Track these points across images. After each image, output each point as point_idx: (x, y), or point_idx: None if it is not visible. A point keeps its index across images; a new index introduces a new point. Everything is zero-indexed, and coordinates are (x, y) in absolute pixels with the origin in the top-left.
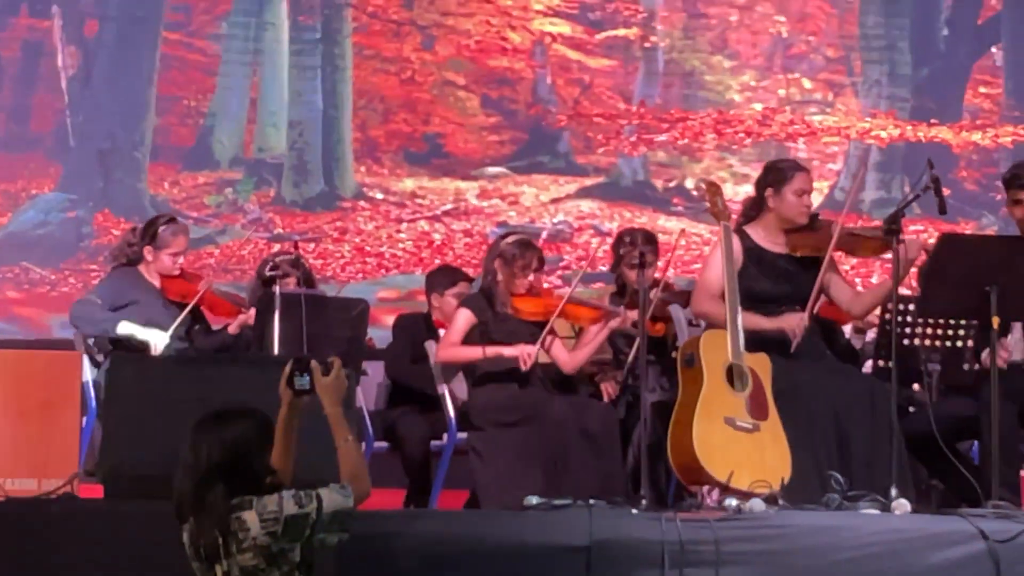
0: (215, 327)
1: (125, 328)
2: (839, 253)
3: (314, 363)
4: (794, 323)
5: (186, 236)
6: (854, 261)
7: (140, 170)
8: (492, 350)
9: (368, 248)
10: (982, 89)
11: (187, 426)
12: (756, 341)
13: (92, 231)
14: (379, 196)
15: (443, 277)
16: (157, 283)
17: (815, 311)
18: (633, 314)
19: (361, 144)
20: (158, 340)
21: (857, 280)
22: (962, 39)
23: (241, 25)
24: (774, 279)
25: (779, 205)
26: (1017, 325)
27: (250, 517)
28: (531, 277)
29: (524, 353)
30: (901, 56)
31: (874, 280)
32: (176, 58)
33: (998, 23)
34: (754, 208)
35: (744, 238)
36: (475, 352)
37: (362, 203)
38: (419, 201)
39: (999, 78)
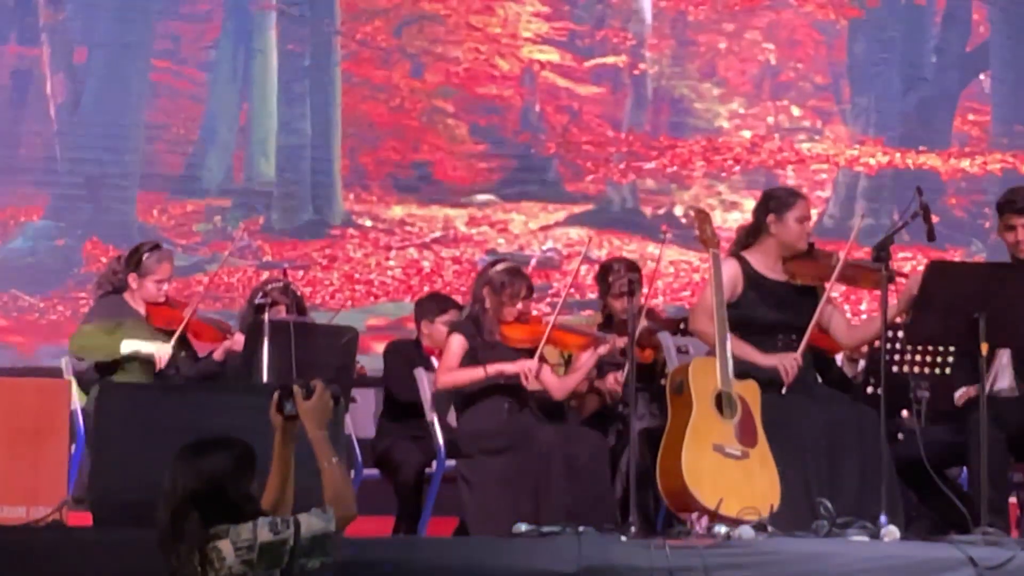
0: (201, 354)
1: (128, 347)
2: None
3: (296, 388)
4: (787, 362)
5: (171, 263)
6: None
7: (129, 198)
8: (493, 368)
9: (357, 276)
10: (971, 116)
11: (174, 453)
12: (748, 373)
13: (81, 259)
14: (368, 224)
15: (433, 304)
16: (143, 310)
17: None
18: (621, 340)
19: (350, 171)
20: (162, 351)
21: (846, 307)
22: (950, 66)
23: (230, 53)
24: (773, 306)
25: (781, 231)
26: (1005, 352)
27: (225, 546)
28: (519, 305)
29: (526, 368)
30: (889, 83)
31: (863, 307)
32: (165, 86)
33: (986, 50)
34: (752, 235)
35: (743, 264)
36: (477, 373)
37: (351, 231)
38: (408, 229)
39: (987, 105)
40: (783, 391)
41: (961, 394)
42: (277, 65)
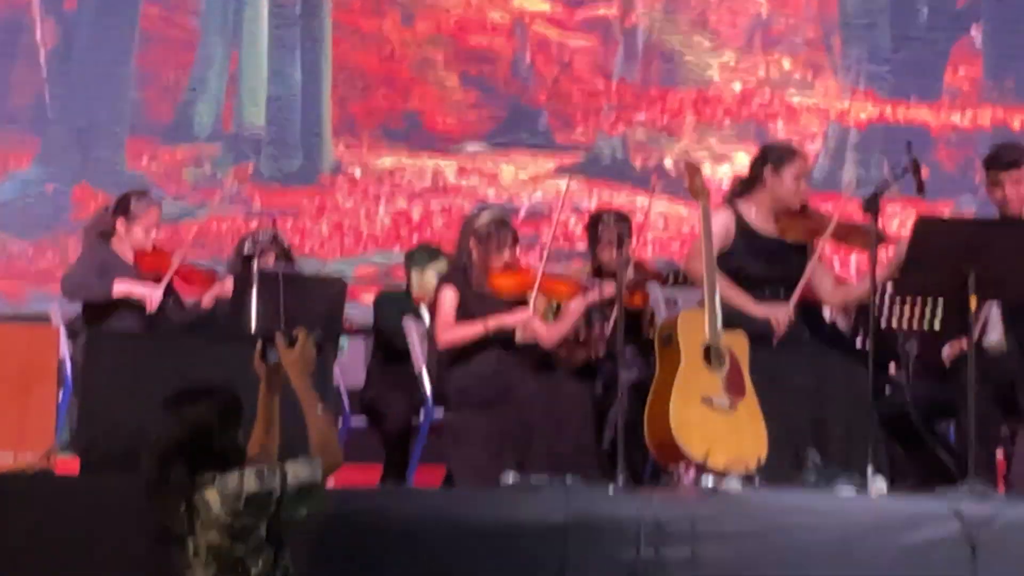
0: (188, 300)
1: (120, 287)
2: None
3: (278, 337)
4: (780, 315)
5: (158, 209)
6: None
7: (119, 145)
8: (493, 322)
9: (346, 224)
10: (961, 70)
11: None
12: (736, 325)
13: (70, 205)
14: (357, 173)
15: (423, 254)
16: (131, 257)
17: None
18: (610, 287)
19: (339, 120)
20: (154, 295)
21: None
22: (941, 20)
23: (220, 1)
24: (764, 261)
25: (776, 185)
26: (994, 306)
27: (211, 495)
28: (506, 254)
29: (524, 319)
30: (881, 37)
31: (852, 259)
32: (155, 33)
33: (978, 4)
34: (747, 186)
35: (735, 214)
36: (476, 329)
37: (340, 179)
38: (397, 178)
39: (978, 59)
40: (773, 343)
41: (948, 351)
42: (268, 13)
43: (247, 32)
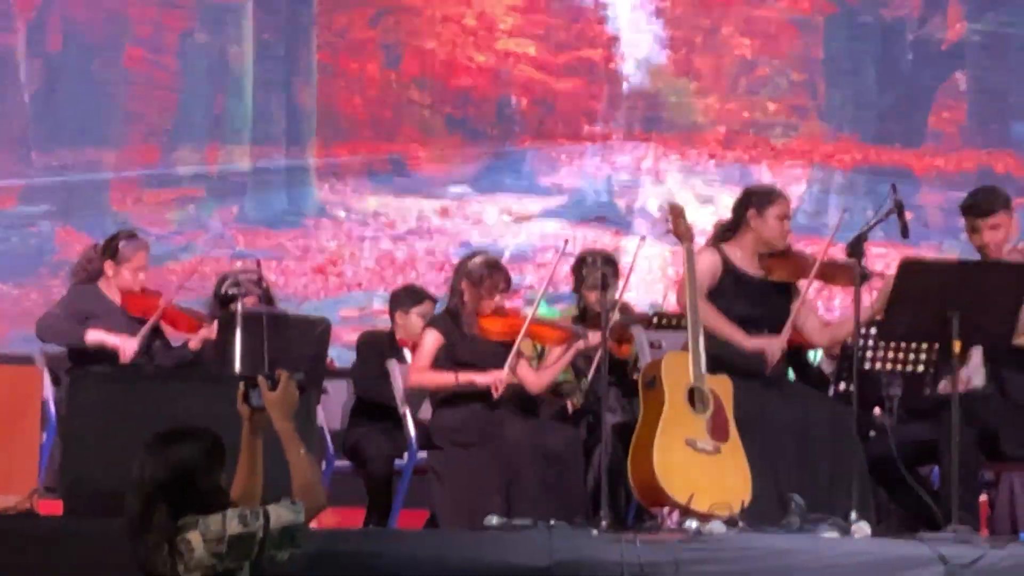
0: (175, 343)
1: (94, 336)
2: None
3: (260, 379)
4: (773, 346)
5: (146, 251)
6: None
7: (103, 185)
8: (464, 377)
9: (331, 267)
10: (945, 114)
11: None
12: (722, 363)
13: (54, 247)
14: (342, 214)
15: (407, 296)
16: (118, 299)
17: None
18: (597, 336)
19: (325, 162)
20: (128, 345)
21: (819, 304)
22: (926, 64)
23: (206, 42)
24: (750, 302)
25: (761, 227)
26: (977, 351)
27: (194, 537)
28: (497, 298)
29: (496, 380)
30: (865, 80)
31: (836, 303)
32: (140, 74)
33: (962, 48)
34: (730, 229)
35: (722, 256)
36: (447, 379)
37: (325, 221)
38: (382, 219)
39: (962, 103)
40: (766, 373)
41: (945, 383)
42: (253, 54)
43: (232, 74)
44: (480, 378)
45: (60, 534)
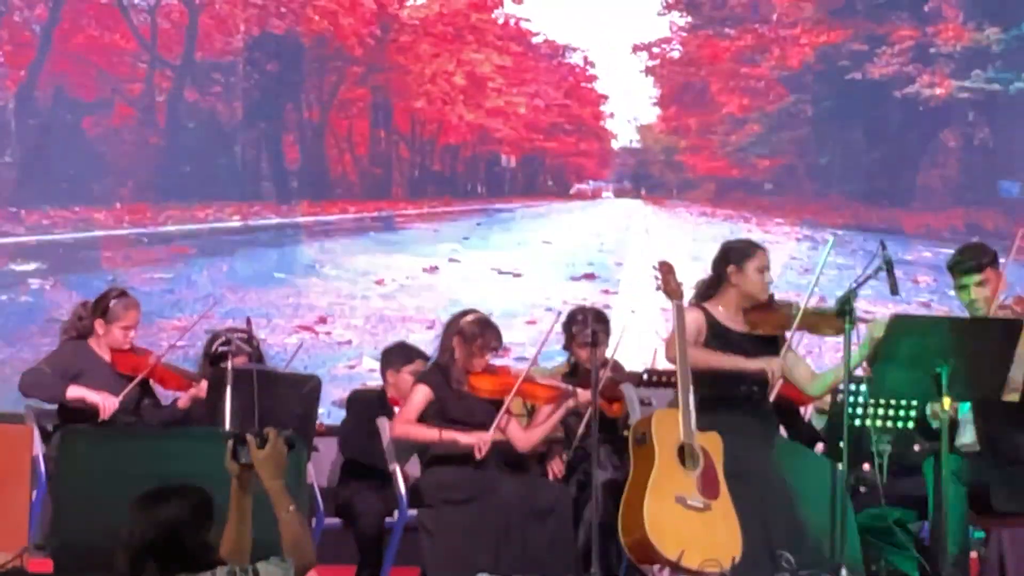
0: (165, 402)
1: (75, 392)
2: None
3: (248, 436)
4: (774, 364)
5: (137, 310)
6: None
7: (94, 244)
8: (448, 435)
9: (319, 325)
10: (934, 172)
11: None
12: (713, 421)
13: (46, 303)
14: (332, 272)
15: (399, 354)
16: (107, 357)
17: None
18: (586, 394)
19: (314, 220)
20: (108, 403)
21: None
22: (914, 122)
23: (195, 100)
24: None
25: (742, 281)
26: (966, 406)
27: None
28: (488, 356)
29: (480, 441)
30: (854, 137)
31: (826, 361)
32: (130, 133)
33: (950, 106)
34: (712, 286)
35: (706, 314)
36: (431, 434)
37: (314, 279)
38: (371, 277)
39: (951, 160)
40: (770, 395)
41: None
42: (243, 112)
43: (222, 131)
44: (464, 438)
45: None
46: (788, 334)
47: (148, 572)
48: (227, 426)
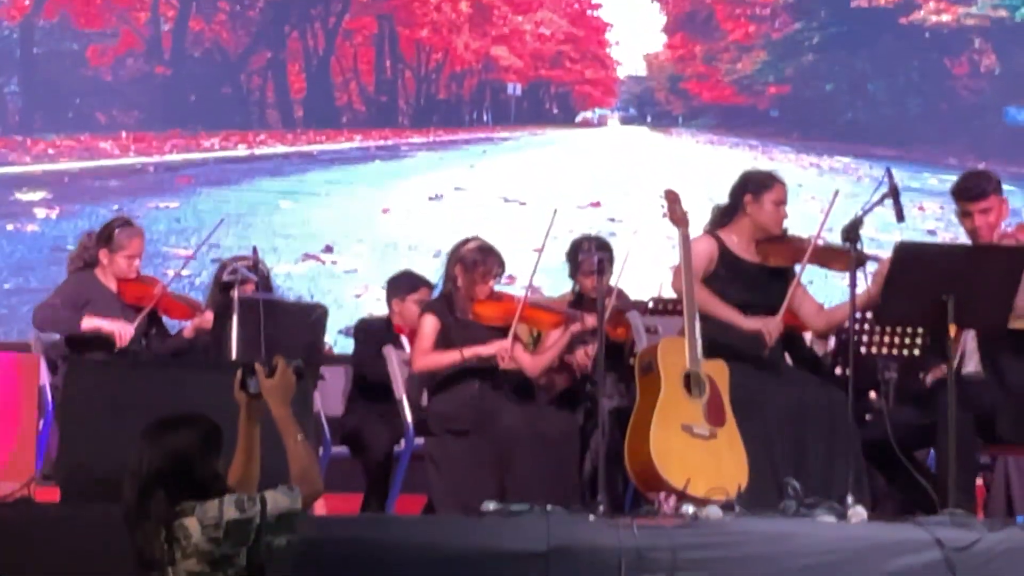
0: (171, 331)
1: (90, 323)
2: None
3: (257, 366)
4: (771, 325)
5: (141, 239)
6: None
7: (100, 173)
8: (470, 351)
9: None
10: (940, 98)
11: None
12: (718, 348)
13: (52, 232)
14: (338, 201)
15: (404, 282)
16: (114, 287)
17: None
18: (592, 318)
19: (320, 148)
20: (124, 331)
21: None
22: (920, 49)
23: (202, 33)
24: (746, 287)
25: (757, 212)
26: (971, 334)
27: (191, 523)
28: (491, 283)
29: (502, 349)
30: (860, 66)
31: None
32: (135, 60)
33: (955, 33)
34: (727, 214)
35: (718, 242)
36: (454, 356)
37: (320, 208)
38: (377, 206)
39: (957, 85)
40: (765, 353)
41: (931, 376)
42: (247, 41)
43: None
44: (485, 349)
45: (58, 521)
46: (798, 268)
47: (156, 500)
48: (233, 355)
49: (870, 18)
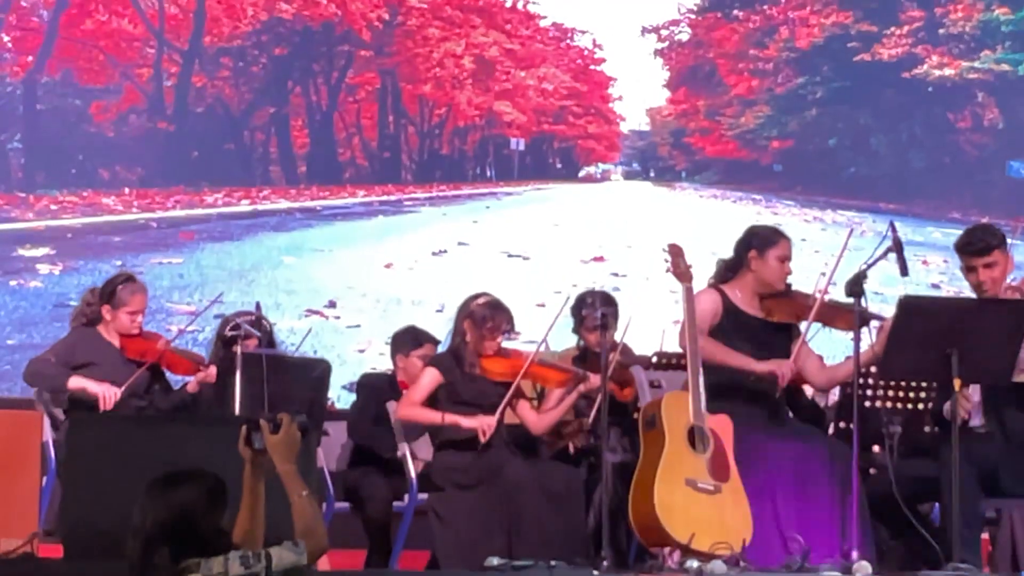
0: (174, 387)
1: (76, 382)
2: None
3: (262, 421)
4: (784, 367)
5: (144, 295)
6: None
7: (103, 229)
8: (451, 418)
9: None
10: (943, 152)
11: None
12: (725, 400)
13: (55, 289)
14: (341, 256)
15: (408, 338)
16: (117, 343)
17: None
18: (597, 378)
19: (324, 204)
20: (108, 394)
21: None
22: (923, 103)
23: (205, 89)
24: (749, 341)
25: (761, 268)
26: (976, 388)
27: None
28: (499, 339)
29: (484, 425)
30: (863, 120)
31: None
32: (139, 116)
33: (958, 87)
34: (731, 269)
35: (723, 296)
36: (434, 416)
37: (324, 264)
38: (380, 261)
39: (960, 140)
40: (777, 394)
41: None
42: (250, 97)
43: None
44: (466, 422)
45: None
46: (803, 326)
47: (160, 557)
48: (237, 410)
49: (873, 73)
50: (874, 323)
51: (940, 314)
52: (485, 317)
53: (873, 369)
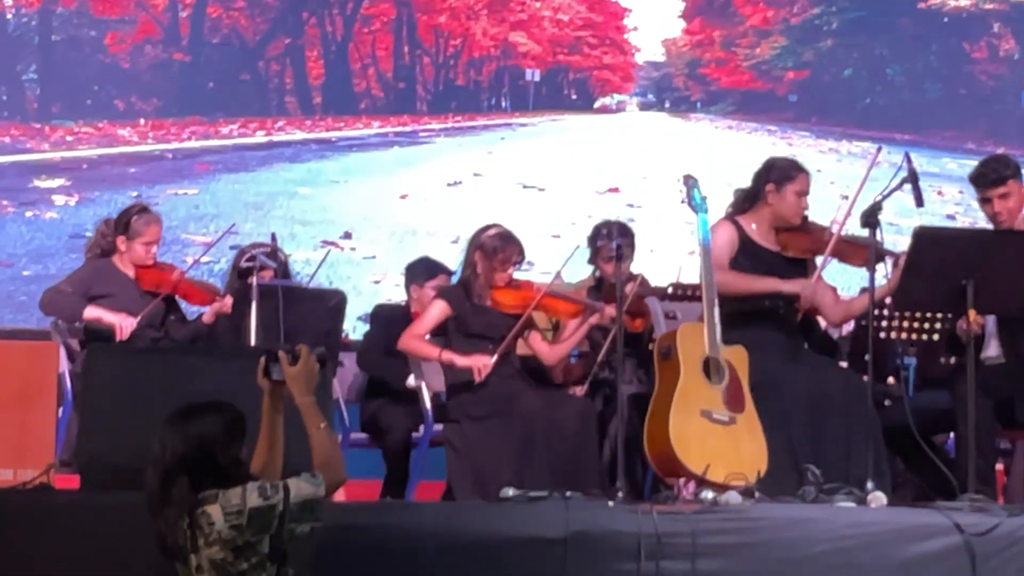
0: (190, 317)
1: (91, 312)
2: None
3: (281, 353)
4: (809, 289)
5: (159, 226)
6: None
7: (118, 160)
8: (447, 355)
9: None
10: (959, 83)
11: (162, 417)
12: (740, 331)
13: (71, 220)
14: (356, 187)
15: (422, 269)
16: (132, 273)
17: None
18: (612, 309)
19: (339, 134)
20: (125, 324)
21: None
22: (939, 34)
23: (220, 19)
24: (763, 274)
25: (778, 202)
26: (991, 319)
27: (214, 511)
28: (511, 270)
29: (480, 364)
30: (879, 51)
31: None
32: (154, 46)
33: (974, 17)
34: (748, 200)
35: (738, 228)
36: (431, 352)
37: (339, 195)
38: (395, 192)
39: (976, 70)
40: (798, 317)
41: (963, 325)
42: (266, 27)
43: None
44: (461, 360)
45: (77, 508)
46: (818, 260)
47: (179, 487)
48: (252, 342)
49: (889, 3)
50: (889, 259)
51: (955, 245)
52: (496, 248)
53: (888, 301)
